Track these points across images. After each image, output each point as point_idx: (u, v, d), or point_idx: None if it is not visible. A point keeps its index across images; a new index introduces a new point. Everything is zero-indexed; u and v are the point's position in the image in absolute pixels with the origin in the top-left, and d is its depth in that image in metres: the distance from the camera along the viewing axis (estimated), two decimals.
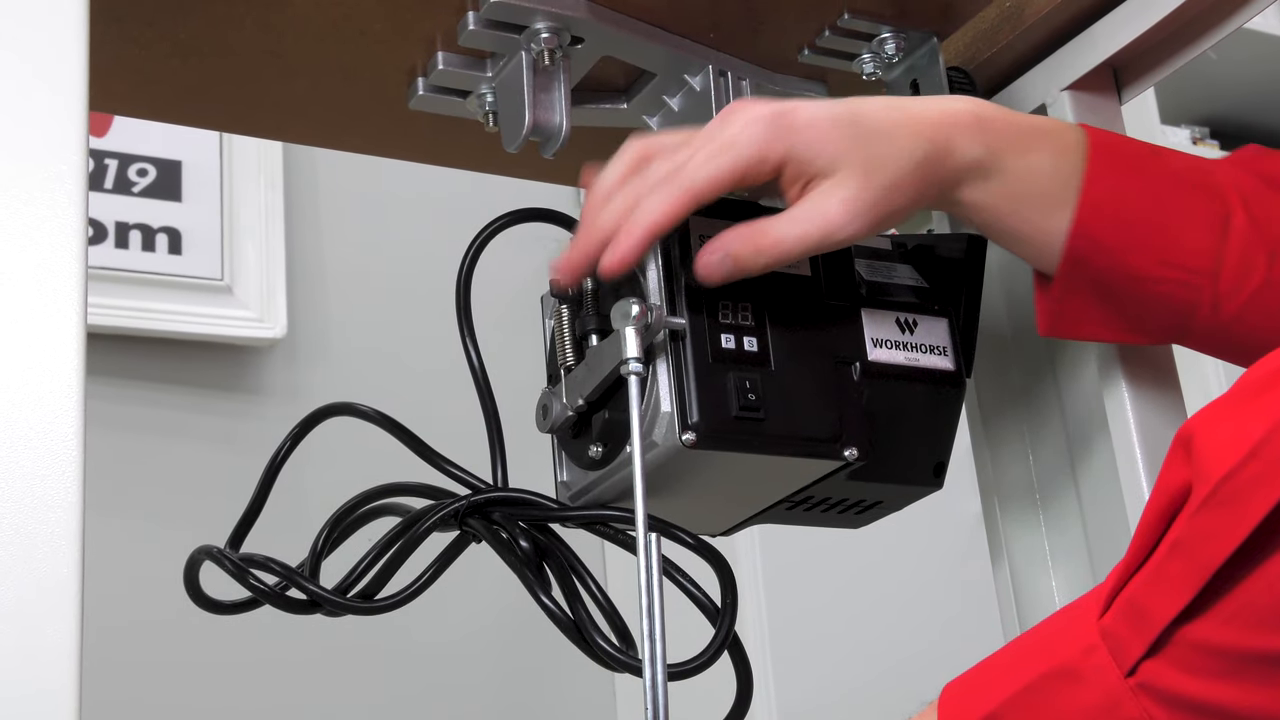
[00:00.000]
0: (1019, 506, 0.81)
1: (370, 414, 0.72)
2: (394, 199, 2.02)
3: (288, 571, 0.67)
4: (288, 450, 0.74)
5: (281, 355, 1.88)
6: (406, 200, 2.03)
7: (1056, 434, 0.80)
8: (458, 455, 0.71)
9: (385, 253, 2.01)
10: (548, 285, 0.70)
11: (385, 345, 1.95)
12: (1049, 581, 0.79)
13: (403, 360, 1.94)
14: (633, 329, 0.61)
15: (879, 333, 0.69)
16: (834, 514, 0.72)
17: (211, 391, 1.84)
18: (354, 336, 1.94)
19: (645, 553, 0.57)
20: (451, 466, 0.70)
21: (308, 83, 0.76)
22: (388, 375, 1.92)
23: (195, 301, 1.82)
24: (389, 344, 1.96)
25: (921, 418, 0.70)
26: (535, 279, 1.03)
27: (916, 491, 0.72)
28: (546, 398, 0.69)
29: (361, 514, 0.71)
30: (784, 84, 0.76)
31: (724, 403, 0.63)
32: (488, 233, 0.72)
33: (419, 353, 1.92)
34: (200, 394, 1.83)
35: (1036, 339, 0.81)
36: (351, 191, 2.00)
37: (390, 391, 1.88)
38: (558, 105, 0.71)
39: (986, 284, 0.75)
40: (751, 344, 0.65)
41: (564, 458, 0.70)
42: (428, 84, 0.74)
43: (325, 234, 1.97)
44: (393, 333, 1.96)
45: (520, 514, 0.67)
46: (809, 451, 0.65)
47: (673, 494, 0.66)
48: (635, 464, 0.59)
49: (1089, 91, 0.77)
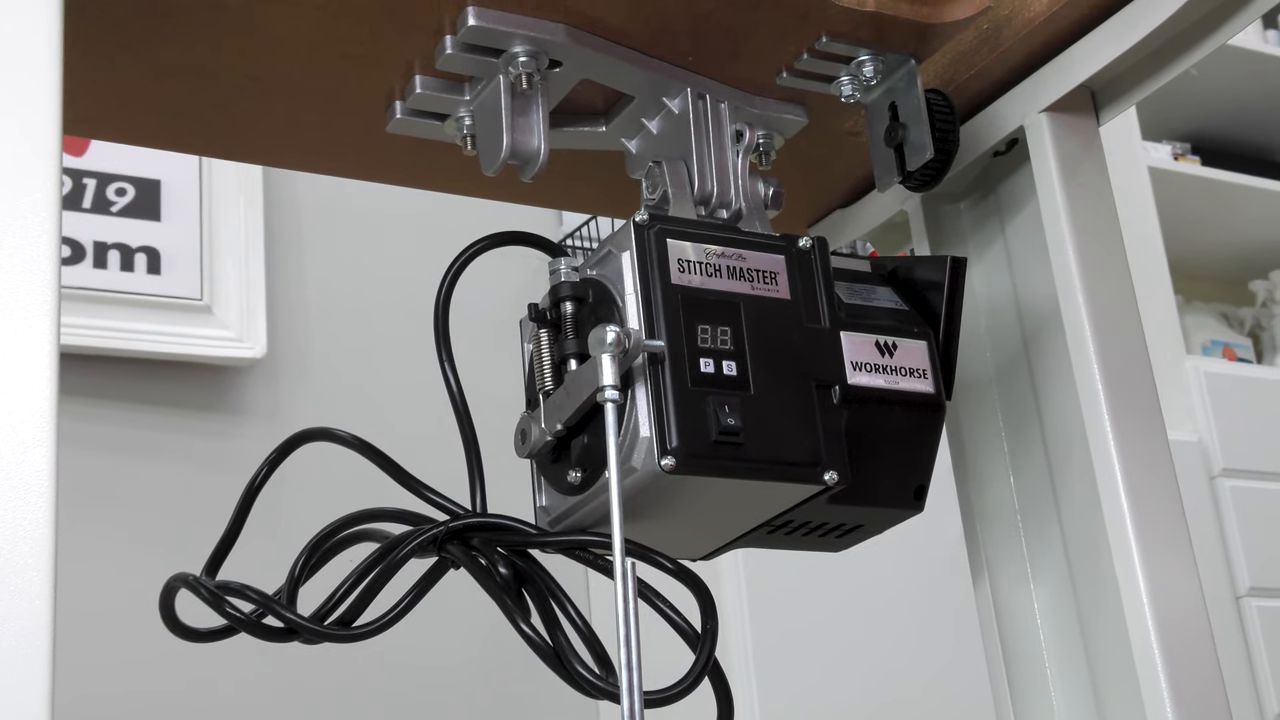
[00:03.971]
0: (1000, 527, 0.81)
1: (348, 439, 0.72)
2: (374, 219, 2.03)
3: (264, 599, 0.67)
4: (266, 474, 0.73)
5: (261, 376, 1.87)
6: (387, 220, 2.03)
7: (1037, 455, 0.80)
8: (436, 480, 0.71)
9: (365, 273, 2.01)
10: (526, 308, 0.70)
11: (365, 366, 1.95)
12: (1029, 599, 0.80)
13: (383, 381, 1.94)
14: (609, 356, 0.62)
15: (859, 356, 0.70)
16: (815, 538, 0.72)
17: (190, 412, 1.83)
18: (334, 357, 1.94)
19: (622, 579, 0.57)
20: (430, 492, 0.70)
21: (286, 106, 0.76)
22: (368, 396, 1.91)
23: (174, 321, 1.82)
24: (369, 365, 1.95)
25: (902, 441, 0.71)
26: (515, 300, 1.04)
27: (898, 514, 0.72)
28: (525, 422, 0.69)
29: (339, 540, 0.71)
30: (763, 106, 0.76)
31: (703, 427, 0.63)
32: (465, 257, 0.72)
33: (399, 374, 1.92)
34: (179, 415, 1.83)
35: (1018, 362, 0.82)
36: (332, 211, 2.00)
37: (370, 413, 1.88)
38: (536, 128, 0.72)
39: (967, 306, 0.75)
40: (731, 368, 0.65)
41: (543, 483, 0.70)
42: (406, 107, 0.74)
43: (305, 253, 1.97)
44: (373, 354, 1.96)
45: (499, 539, 0.67)
46: (789, 476, 0.66)
47: (652, 519, 0.66)
48: (612, 491, 0.59)
49: (1067, 113, 0.78)
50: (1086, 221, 0.77)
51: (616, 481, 0.60)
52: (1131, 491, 0.73)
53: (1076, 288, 0.75)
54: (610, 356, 0.62)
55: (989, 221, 0.84)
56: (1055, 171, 0.77)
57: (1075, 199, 0.77)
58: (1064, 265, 0.76)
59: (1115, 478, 0.73)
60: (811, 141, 0.81)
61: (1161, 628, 0.70)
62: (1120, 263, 0.77)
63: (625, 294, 0.65)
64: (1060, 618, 0.78)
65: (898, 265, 0.76)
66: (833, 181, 0.89)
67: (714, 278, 0.67)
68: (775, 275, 0.69)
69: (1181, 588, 0.72)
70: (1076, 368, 0.76)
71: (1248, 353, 2.97)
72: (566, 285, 0.68)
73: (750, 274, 0.68)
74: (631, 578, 0.58)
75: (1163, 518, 0.73)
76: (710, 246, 0.68)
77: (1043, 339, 0.80)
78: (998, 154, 0.82)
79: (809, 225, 0.93)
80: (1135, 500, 0.72)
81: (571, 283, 0.68)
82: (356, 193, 1.91)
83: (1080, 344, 0.75)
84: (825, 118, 0.79)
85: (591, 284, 0.68)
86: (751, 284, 0.68)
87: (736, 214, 0.72)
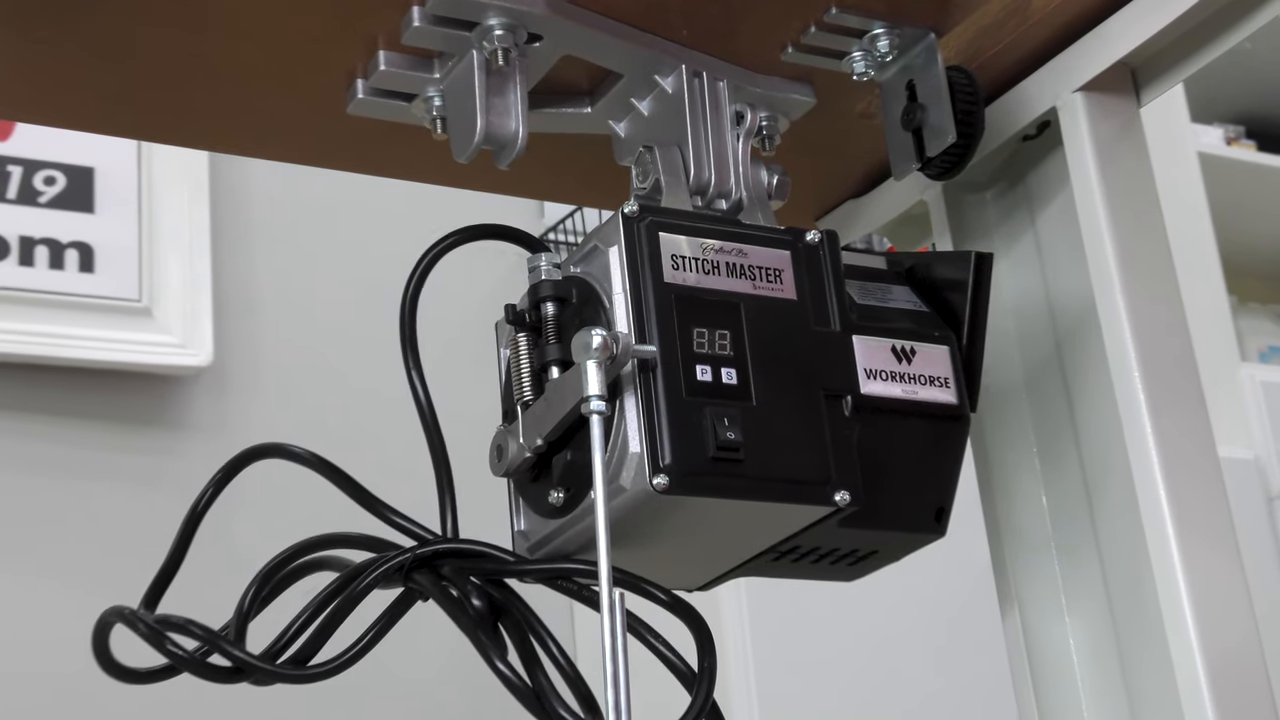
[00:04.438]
0: (1031, 553, 0.81)
1: (304, 456, 0.72)
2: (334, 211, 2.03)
3: (210, 635, 0.67)
4: (211, 496, 0.73)
5: (207, 386, 1.87)
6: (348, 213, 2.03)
7: (1072, 473, 0.80)
8: (403, 501, 0.71)
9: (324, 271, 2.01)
10: (503, 310, 0.70)
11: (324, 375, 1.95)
12: (1064, 634, 0.80)
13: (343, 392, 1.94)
14: (594, 363, 0.62)
15: (873, 362, 0.70)
16: (825, 565, 0.73)
17: (127, 427, 1.83)
18: (289, 365, 1.94)
19: (610, 612, 0.57)
20: (395, 515, 0.70)
21: (235, 87, 0.76)
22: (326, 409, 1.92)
23: (109, 325, 1.81)
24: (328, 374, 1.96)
25: (921, 457, 0.71)
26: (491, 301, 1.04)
27: (917, 539, 0.72)
28: (501, 437, 0.69)
29: (294, 569, 0.71)
30: (766, 85, 0.77)
31: (700, 442, 0.64)
32: (435, 253, 0.72)
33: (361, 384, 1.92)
34: (114, 430, 1.82)
35: (1050, 369, 0.82)
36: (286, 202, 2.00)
37: (329, 428, 1.88)
38: (513, 110, 0.72)
39: (994, 306, 0.76)
40: (730, 376, 0.65)
41: (522, 504, 0.70)
42: (368, 87, 0.75)
43: (257, 250, 1.97)
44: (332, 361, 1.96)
45: (472, 568, 0.67)
46: (796, 496, 0.66)
47: (643, 544, 0.67)
48: (599, 512, 0.59)
49: (1104, 92, 0.78)
50: (1126, 213, 0.77)
51: (603, 503, 0.60)
52: (1178, 514, 0.73)
53: (1115, 286, 0.76)
54: (596, 363, 0.62)
55: (1017, 213, 0.85)
56: (1091, 157, 0.77)
57: (1114, 188, 0.77)
58: (1101, 261, 0.76)
59: (1159, 499, 0.73)
60: (820, 124, 0.81)
61: (1211, 666, 0.70)
62: (1164, 258, 0.78)
63: (613, 294, 0.66)
64: (1098, 655, 0.79)
65: (916, 262, 0.76)
66: (844, 169, 0.89)
67: (712, 275, 0.67)
68: (780, 273, 0.69)
69: (1234, 622, 0.72)
70: (1116, 376, 0.76)
71: None
72: (547, 284, 0.68)
73: (752, 271, 0.68)
74: (620, 610, 0.58)
75: (1213, 544, 0.73)
76: (708, 241, 0.68)
77: (1078, 343, 0.80)
78: (1027, 138, 0.82)
79: (817, 218, 0.93)
80: (1182, 524, 0.73)
81: (553, 281, 0.68)
82: (314, 182, 1.92)
83: (1120, 349, 0.75)
84: (835, 98, 0.79)
85: (575, 283, 0.68)
86: (753, 282, 0.68)
87: (737, 205, 0.73)
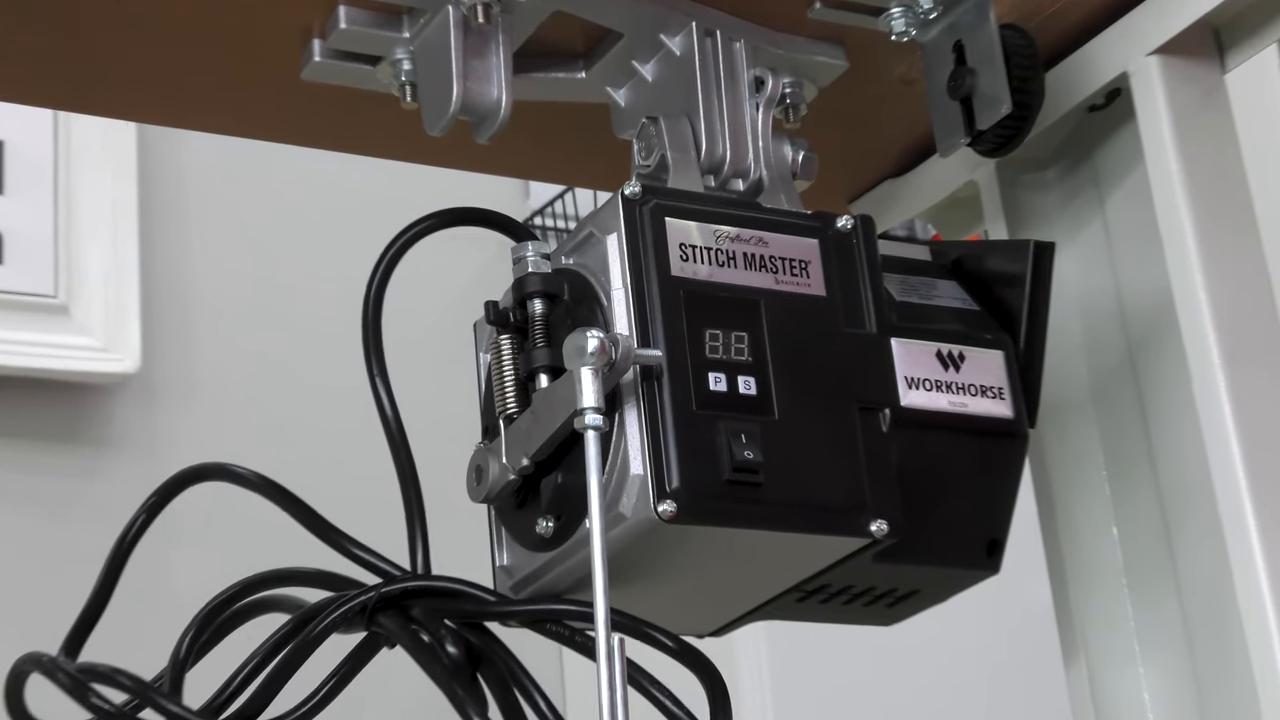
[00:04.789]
0: (1099, 593, 0.82)
1: (250, 478, 0.72)
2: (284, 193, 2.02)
3: (141, 687, 0.67)
4: (142, 525, 0.74)
5: (134, 396, 1.87)
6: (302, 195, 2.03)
7: (1148, 500, 0.80)
8: (366, 532, 0.71)
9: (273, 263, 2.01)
10: (483, 308, 0.70)
11: (273, 384, 1.95)
12: (1138, 687, 0.80)
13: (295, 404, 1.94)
14: (590, 370, 0.62)
15: (915, 370, 0.70)
16: (858, 607, 0.73)
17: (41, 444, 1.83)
18: (231, 371, 1.94)
19: (607, 660, 0.57)
20: (357, 547, 0.70)
21: (168, 48, 0.77)
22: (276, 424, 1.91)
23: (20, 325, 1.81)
24: (277, 382, 1.95)
25: (971, 481, 0.71)
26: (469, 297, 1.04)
27: (965, 576, 0.73)
28: (481, 456, 0.69)
29: (239, 610, 0.71)
30: (790, 46, 0.77)
31: (712, 463, 0.64)
32: (403, 241, 0.72)
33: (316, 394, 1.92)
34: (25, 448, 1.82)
35: (1122, 377, 0.82)
36: (228, 183, 2.00)
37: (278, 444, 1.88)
38: (495, 75, 0.72)
39: (1056, 304, 0.76)
40: (748, 385, 0.66)
41: (504, 535, 0.70)
42: (326, 48, 0.75)
43: (193, 238, 1.97)
44: (282, 368, 1.96)
45: (447, 609, 0.67)
46: (824, 526, 0.66)
47: (647, 582, 0.67)
48: (595, 544, 0.60)
49: (1183, 55, 0.78)
50: (1210, 195, 0.77)
51: (600, 533, 0.60)
52: (1270, 548, 0.73)
53: (1197, 281, 0.76)
54: (591, 370, 0.62)
55: (1083, 195, 0.85)
56: (1169, 131, 0.77)
57: (1195, 166, 0.77)
58: (1181, 252, 0.76)
59: (1248, 530, 0.73)
60: (853, 92, 0.81)
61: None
62: (1254, 248, 0.78)
63: (611, 289, 0.66)
64: (1177, 710, 0.79)
65: (965, 253, 0.76)
66: (880, 144, 0.89)
67: (726, 268, 0.68)
68: (806, 265, 0.69)
69: None
70: (1198, 386, 0.76)
71: None
72: (534, 278, 0.68)
73: (774, 263, 0.69)
74: (619, 659, 0.58)
75: None
76: (722, 228, 0.68)
77: (1154, 348, 0.81)
78: (1094, 109, 0.82)
79: (850, 200, 0.93)
80: (1275, 558, 0.73)
81: (541, 275, 0.68)
82: (261, 159, 1.91)
83: (1202, 355, 0.75)
84: (870, 61, 0.79)
85: (567, 276, 0.68)
86: (775, 276, 0.68)
87: (756, 185, 0.73)
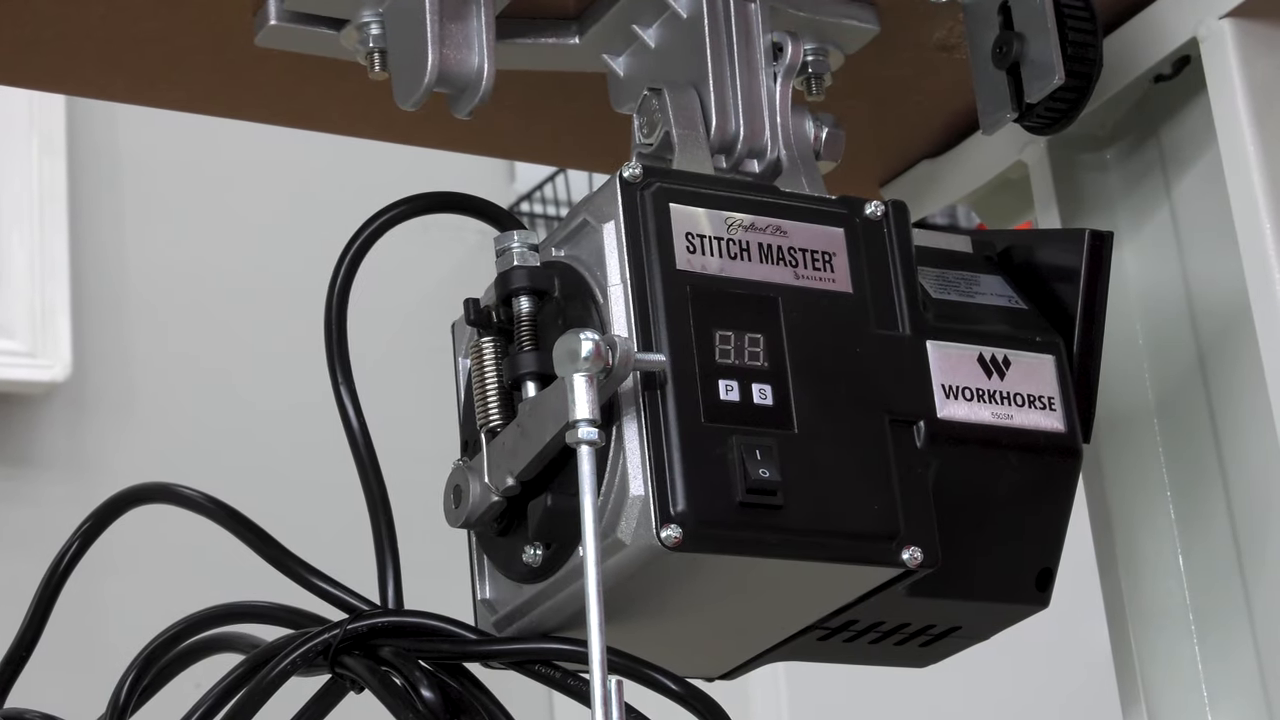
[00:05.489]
0: (1164, 632, 0.82)
1: (196, 500, 0.72)
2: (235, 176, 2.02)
3: None
4: (76, 553, 0.74)
5: (64, 407, 1.88)
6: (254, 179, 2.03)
7: (1219, 526, 0.81)
8: (330, 561, 0.71)
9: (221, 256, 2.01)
10: (462, 306, 0.71)
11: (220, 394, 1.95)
12: None
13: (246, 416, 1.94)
14: (583, 377, 0.62)
15: (954, 377, 0.70)
16: (889, 646, 0.73)
17: None
18: (171, 380, 1.94)
19: (604, 706, 0.57)
20: (318, 578, 0.70)
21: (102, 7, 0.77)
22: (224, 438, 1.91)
23: None
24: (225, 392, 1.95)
25: (1017, 503, 0.71)
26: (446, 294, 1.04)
27: (1011, 611, 0.73)
28: (460, 475, 0.69)
29: (186, 650, 0.71)
30: (811, 8, 0.77)
31: (724, 483, 0.64)
32: (371, 231, 0.72)
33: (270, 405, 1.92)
34: None
35: (1191, 386, 0.82)
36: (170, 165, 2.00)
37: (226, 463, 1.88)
38: (476, 40, 0.72)
39: (1116, 303, 0.76)
40: (764, 394, 0.66)
41: (487, 564, 0.71)
42: (283, 9, 0.75)
43: (128, 228, 1.97)
44: (231, 375, 1.95)
45: (421, 649, 0.67)
46: (851, 555, 0.66)
47: (648, 618, 0.67)
48: (589, 575, 0.60)
49: (1260, 19, 0.78)
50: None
51: (595, 563, 0.60)
52: None
53: (1276, 279, 0.76)
54: (585, 377, 0.62)
55: (1148, 179, 0.85)
56: (1244, 105, 0.77)
57: (1274, 145, 0.77)
58: (1257, 244, 0.77)
59: None
60: (885, 60, 0.81)
61: None
62: None
63: (608, 285, 0.66)
64: None
65: (1012, 243, 0.76)
66: (916, 119, 0.89)
67: (740, 261, 0.68)
68: (831, 258, 0.69)
69: None
70: (1275, 396, 0.76)
71: None
72: (521, 272, 0.68)
73: (794, 256, 0.69)
74: (616, 704, 0.58)
75: None
76: (735, 215, 0.68)
77: (1226, 353, 0.81)
78: (1160, 79, 0.83)
79: (882, 184, 0.93)
80: None
81: (528, 269, 0.69)
82: (209, 137, 1.91)
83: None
84: (904, 24, 0.80)
85: (558, 270, 0.68)
86: (795, 270, 0.69)
87: (774, 166, 0.73)
